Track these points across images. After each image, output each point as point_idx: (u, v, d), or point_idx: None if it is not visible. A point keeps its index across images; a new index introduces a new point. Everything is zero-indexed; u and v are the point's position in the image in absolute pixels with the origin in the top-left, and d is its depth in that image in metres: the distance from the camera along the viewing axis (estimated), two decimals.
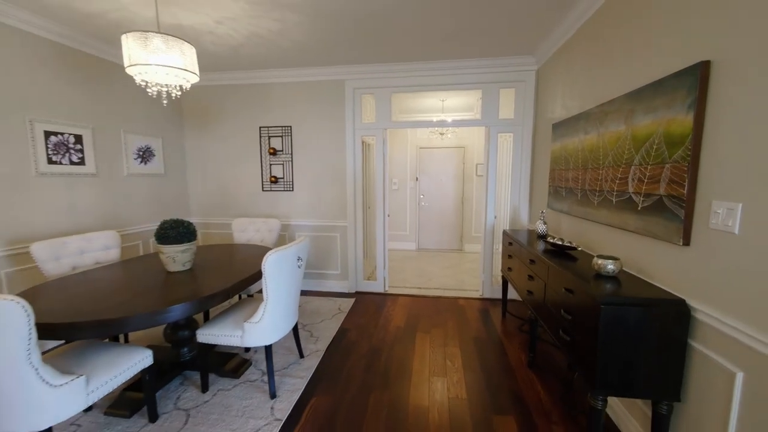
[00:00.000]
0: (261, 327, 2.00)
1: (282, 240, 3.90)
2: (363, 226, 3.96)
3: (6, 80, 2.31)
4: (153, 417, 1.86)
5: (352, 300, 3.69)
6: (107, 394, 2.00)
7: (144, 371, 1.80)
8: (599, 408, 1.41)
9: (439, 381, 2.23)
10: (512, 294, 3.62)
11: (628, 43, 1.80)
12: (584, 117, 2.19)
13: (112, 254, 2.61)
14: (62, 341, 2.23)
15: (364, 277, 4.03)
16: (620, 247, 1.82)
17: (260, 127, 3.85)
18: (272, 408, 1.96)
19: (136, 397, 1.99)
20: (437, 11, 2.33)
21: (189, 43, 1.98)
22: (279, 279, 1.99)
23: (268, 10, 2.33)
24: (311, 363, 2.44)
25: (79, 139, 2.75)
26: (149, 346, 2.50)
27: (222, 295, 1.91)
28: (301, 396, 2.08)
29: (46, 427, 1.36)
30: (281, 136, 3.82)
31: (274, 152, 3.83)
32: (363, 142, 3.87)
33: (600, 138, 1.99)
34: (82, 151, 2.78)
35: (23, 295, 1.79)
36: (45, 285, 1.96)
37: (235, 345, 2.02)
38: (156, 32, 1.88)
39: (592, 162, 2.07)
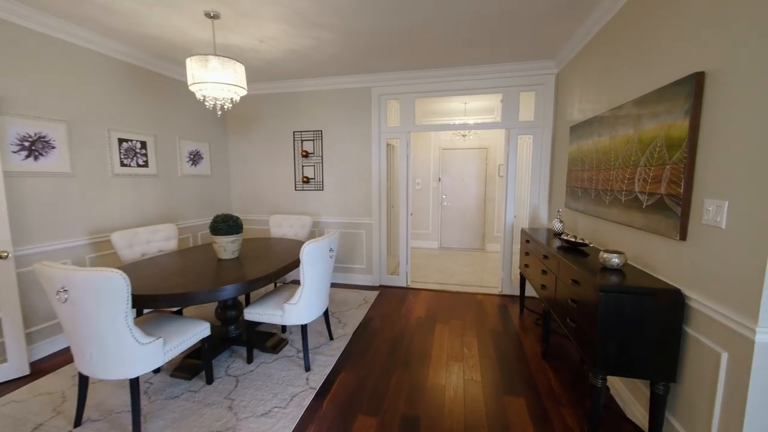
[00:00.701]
0: (298, 308, 2.30)
1: (313, 235, 4.23)
2: (387, 223, 4.21)
3: (93, 97, 2.77)
4: (210, 380, 2.20)
5: (377, 293, 3.94)
6: (171, 360, 2.37)
7: (203, 340, 2.14)
8: (599, 386, 1.57)
9: (456, 365, 2.43)
10: (530, 291, 3.72)
11: (635, 53, 1.92)
12: (598, 120, 2.31)
13: (171, 244, 3.02)
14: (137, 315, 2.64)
15: (387, 272, 4.27)
16: (628, 243, 1.94)
17: (294, 132, 4.19)
18: (307, 379, 2.25)
19: (195, 363, 2.35)
20: (466, 23, 2.51)
21: (239, 62, 2.31)
22: (314, 266, 2.28)
23: (306, 30, 2.63)
24: (340, 344, 2.71)
25: (144, 144, 3.20)
26: None
27: (266, 279, 2.22)
28: (331, 371, 2.35)
29: (136, 375, 1.71)
30: (313, 140, 4.15)
31: (306, 154, 4.17)
32: (388, 145, 4.12)
33: (612, 141, 2.11)
34: (146, 155, 3.23)
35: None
36: (124, 267, 2.36)
37: (276, 323, 2.33)
38: (214, 55, 2.22)
39: (605, 163, 2.19)
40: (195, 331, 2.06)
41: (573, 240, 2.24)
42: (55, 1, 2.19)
